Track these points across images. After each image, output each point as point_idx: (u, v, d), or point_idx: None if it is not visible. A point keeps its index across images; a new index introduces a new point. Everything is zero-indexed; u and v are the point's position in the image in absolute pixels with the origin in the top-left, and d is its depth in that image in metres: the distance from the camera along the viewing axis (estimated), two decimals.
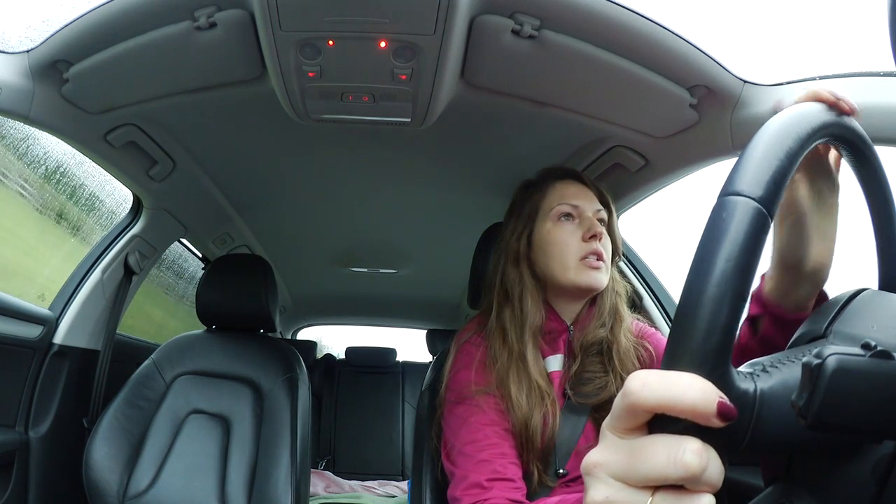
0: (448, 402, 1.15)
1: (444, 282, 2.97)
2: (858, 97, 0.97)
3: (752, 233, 0.41)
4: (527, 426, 1.06)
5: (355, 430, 3.51)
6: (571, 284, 1.14)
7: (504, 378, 1.11)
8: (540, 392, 1.09)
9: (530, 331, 1.14)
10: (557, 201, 1.19)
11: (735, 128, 1.18)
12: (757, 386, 0.42)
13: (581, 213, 1.18)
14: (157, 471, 1.54)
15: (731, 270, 0.40)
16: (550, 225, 1.18)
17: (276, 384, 1.67)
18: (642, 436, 0.39)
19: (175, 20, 1.09)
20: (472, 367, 1.14)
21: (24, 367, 1.58)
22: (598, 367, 1.15)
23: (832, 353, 0.38)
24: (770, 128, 0.48)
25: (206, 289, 1.81)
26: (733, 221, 0.42)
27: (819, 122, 0.50)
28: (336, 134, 1.53)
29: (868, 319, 0.49)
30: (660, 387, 0.38)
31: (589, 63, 1.12)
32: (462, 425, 1.09)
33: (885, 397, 0.38)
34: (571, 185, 1.22)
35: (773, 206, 0.43)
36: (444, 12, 0.99)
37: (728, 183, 0.44)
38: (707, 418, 0.37)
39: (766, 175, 0.44)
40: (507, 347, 1.14)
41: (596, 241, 1.14)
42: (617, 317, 1.19)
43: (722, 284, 0.40)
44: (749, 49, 1.19)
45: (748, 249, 0.41)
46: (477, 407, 1.09)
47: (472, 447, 1.05)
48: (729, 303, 0.40)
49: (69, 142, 1.45)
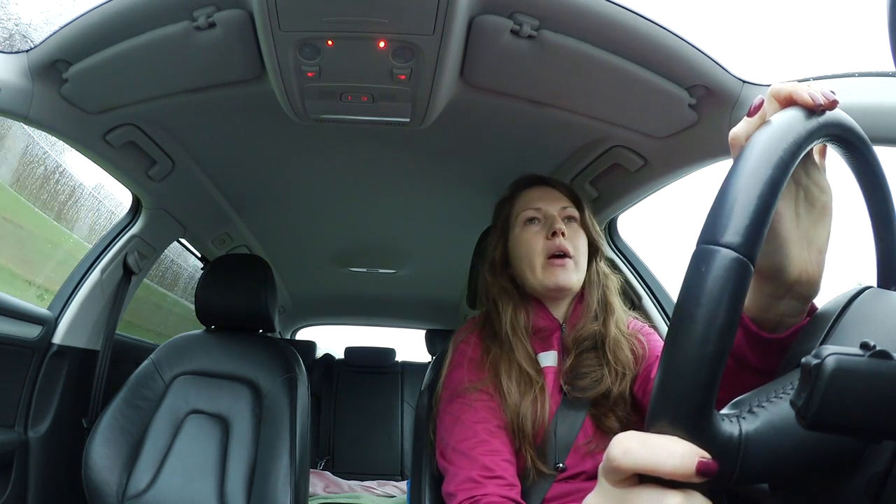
0: (443, 399, 1.19)
1: (443, 282, 2.97)
2: (858, 97, 0.98)
3: (733, 288, 0.41)
4: (518, 414, 1.09)
5: (354, 430, 3.51)
6: (540, 286, 1.18)
7: (496, 367, 1.15)
8: (529, 379, 1.12)
9: (515, 330, 1.18)
10: (523, 207, 1.24)
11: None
12: (742, 429, 0.43)
13: (544, 213, 1.21)
14: (157, 471, 1.54)
15: (711, 331, 0.40)
16: (518, 230, 1.23)
17: (276, 384, 1.67)
18: (632, 486, 0.42)
19: (174, 20, 1.09)
20: (465, 366, 1.18)
21: (24, 367, 1.58)
22: (594, 360, 1.16)
23: (831, 353, 0.38)
24: (748, 157, 0.46)
25: (205, 289, 1.81)
26: (711, 276, 0.41)
27: (800, 133, 0.48)
28: (335, 134, 1.53)
29: (867, 331, 0.49)
30: (640, 454, 0.40)
31: (588, 63, 1.12)
32: (455, 423, 1.12)
33: (884, 397, 0.38)
34: (536, 189, 1.27)
35: (755, 251, 0.42)
36: (443, 12, 0.99)
37: (706, 230, 0.43)
38: (688, 478, 0.39)
39: (745, 219, 0.42)
40: (498, 341, 1.19)
41: (559, 238, 1.16)
42: (608, 309, 1.21)
43: (702, 346, 0.40)
44: (748, 49, 1.19)
45: (729, 307, 0.40)
46: (469, 406, 1.12)
47: (466, 444, 1.08)
48: (709, 362, 0.40)
49: (68, 142, 1.45)
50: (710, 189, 0.47)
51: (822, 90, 0.50)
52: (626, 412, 1.13)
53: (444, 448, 1.12)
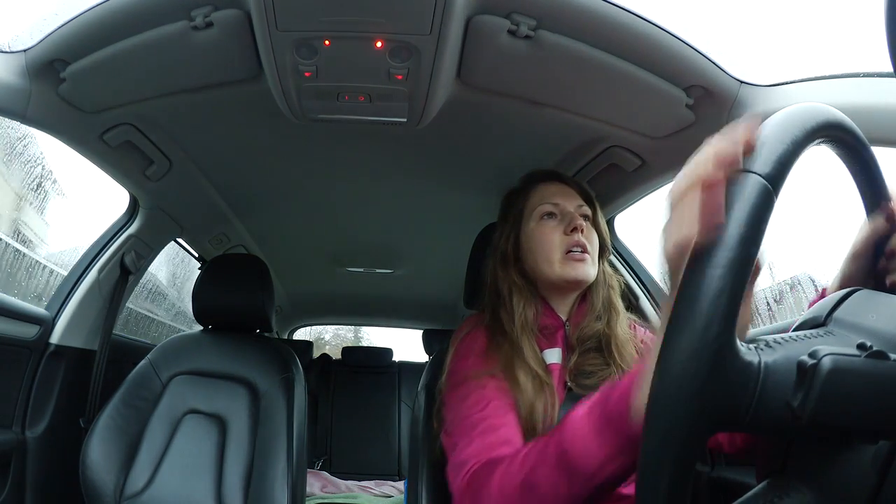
0: (449, 386, 1.14)
1: (441, 282, 2.97)
2: (854, 98, 0.98)
3: (757, 206, 0.43)
4: (532, 412, 1.06)
5: (352, 430, 3.51)
6: (559, 278, 1.17)
7: (509, 363, 1.12)
8: (540, 381, 1.10)
9: (524, 327, 1.16)
10: (539, 202, 1.22)
11: None
12: (761, 359, 0.43)
13: (562, 209, 1.20)
14: (154, 471, 1.54)
15: (735, 240, 0.41)
16: (534, 224, 1.21)
17: (273, 384, 1.67)
18: None
19: (172, 20, 1.09)
20: (472, 356, 1.15)
21: (21, 366, 1.58)
22: (599, 360, 1.16)
23: (827, 354, 0.38)
24: (774, 120, 0.49)
25: (202, 289, 1.80)
26: (739, 196, 0.43)
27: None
28: (332, 134, 1.53)
29: (867, 310, 0.49)
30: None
31: (585, 63, 1.12)
32: (464, 400, 1.07)
33: (880, 397, 0.38)
34: (552, 185, 1.25)
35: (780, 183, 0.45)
36: (440, 12, 0.99)
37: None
38: None
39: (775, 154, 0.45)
40: (507, 339, 1.16)
41: (578, 234, 1.16)
42: (613, 310, 1.21)
43: (729, 251, 0.41)
44: (746, 49, 1.18)
45: (753, 223, 0.42)
46: (480, 385, 1.08)
47: (478, 416, 1.03)
48: (734, 272, 0.41)
49: (65, 141, 1.44)
50: None
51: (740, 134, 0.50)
52: None
53: (450, 426, 1.08)
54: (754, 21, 1.54)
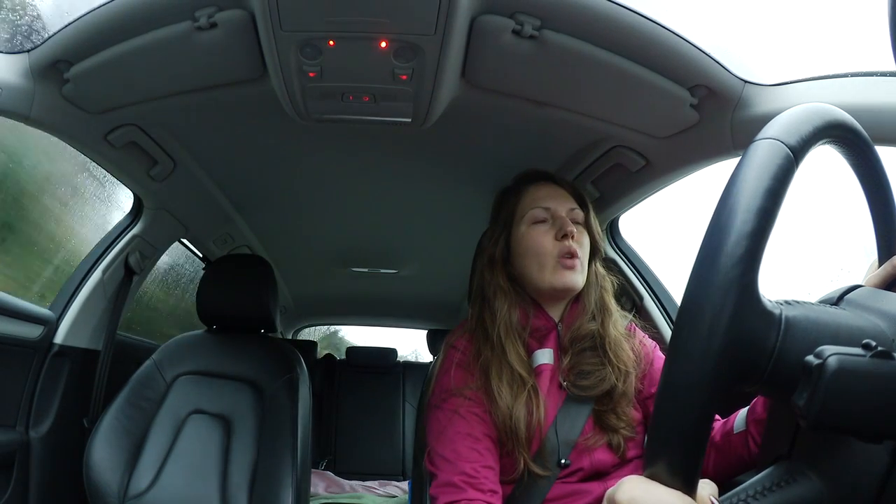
0: (430, 406, 1.19)
1: (445, 282, 2.96)
2: (858, 97, 0.97)
3: (776, 174, 0.44)
4: (510, 416, 1.08)
5: (356, 431, 3.51)
6: (548, 286, 1.17)
7: (486, 370, 1.14)
8: (521, 380, 1.12)
9: (508, 329, 1.17)
10: (531, 205, 1.22)
11: (736, 128, 1.18)
12: (783, 312, 0.44)
13: (554, 213, 1.20)
14: (158, 471, 1.54)
15: (752, 209, 0.42)
16: (525, 228, 1.21)
17: (277, 384, 1.67)
18: None
19: (176, 20, 1.09)
20: (452, 371, 1.17)
21: (25, 367, 1.58)
22: (594, 360, 1.16)
23: (833, 353, 0.38)
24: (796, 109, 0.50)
25: (206, 289, 1.81)
26: (758, 162, 0.44)
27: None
28: (337, 134, 1.53)
29: (876, 299, 0.49)
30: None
31: (589, 63, 1.12)
32: (441, 430, 1.12)
33: (885, 397, 0.38)
34: (544, 187, 1.25)
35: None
36: (444, 12, 0.99)
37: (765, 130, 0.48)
38: None
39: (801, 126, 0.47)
40: (489, 343, 1.17)
41: (569, 240, 1.16)
42: (605, 311, 1.21)
43: (749, 207, 0.42)
44: (750, 49, 1.18)
45: (772, 190, 0.43)
46: (454, 412, 1.12)
47: (449, 450, 1.08)
48: (757, 219, 0.42)
49: (69, 142, 1.45)
50: (711, 189, 0.50)
51: None
52: (628, 410, 1.13)
53: (430, 453, 1.13)
54: (758, 20, 1.53)
